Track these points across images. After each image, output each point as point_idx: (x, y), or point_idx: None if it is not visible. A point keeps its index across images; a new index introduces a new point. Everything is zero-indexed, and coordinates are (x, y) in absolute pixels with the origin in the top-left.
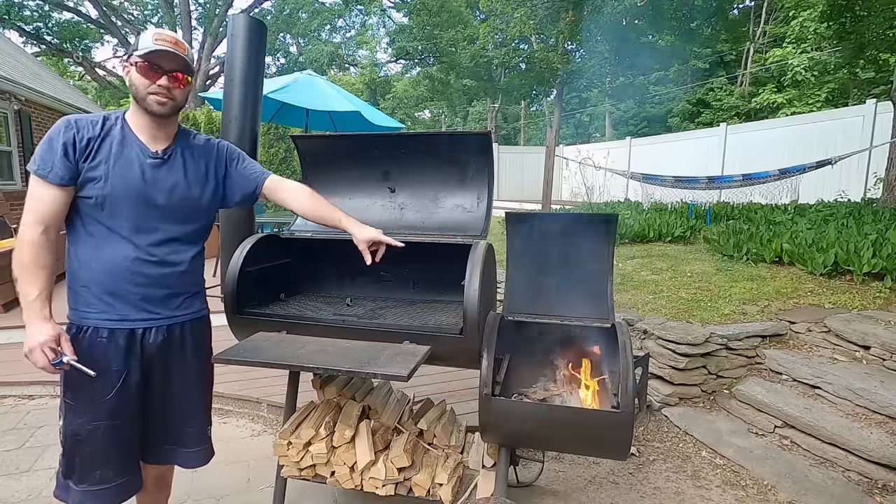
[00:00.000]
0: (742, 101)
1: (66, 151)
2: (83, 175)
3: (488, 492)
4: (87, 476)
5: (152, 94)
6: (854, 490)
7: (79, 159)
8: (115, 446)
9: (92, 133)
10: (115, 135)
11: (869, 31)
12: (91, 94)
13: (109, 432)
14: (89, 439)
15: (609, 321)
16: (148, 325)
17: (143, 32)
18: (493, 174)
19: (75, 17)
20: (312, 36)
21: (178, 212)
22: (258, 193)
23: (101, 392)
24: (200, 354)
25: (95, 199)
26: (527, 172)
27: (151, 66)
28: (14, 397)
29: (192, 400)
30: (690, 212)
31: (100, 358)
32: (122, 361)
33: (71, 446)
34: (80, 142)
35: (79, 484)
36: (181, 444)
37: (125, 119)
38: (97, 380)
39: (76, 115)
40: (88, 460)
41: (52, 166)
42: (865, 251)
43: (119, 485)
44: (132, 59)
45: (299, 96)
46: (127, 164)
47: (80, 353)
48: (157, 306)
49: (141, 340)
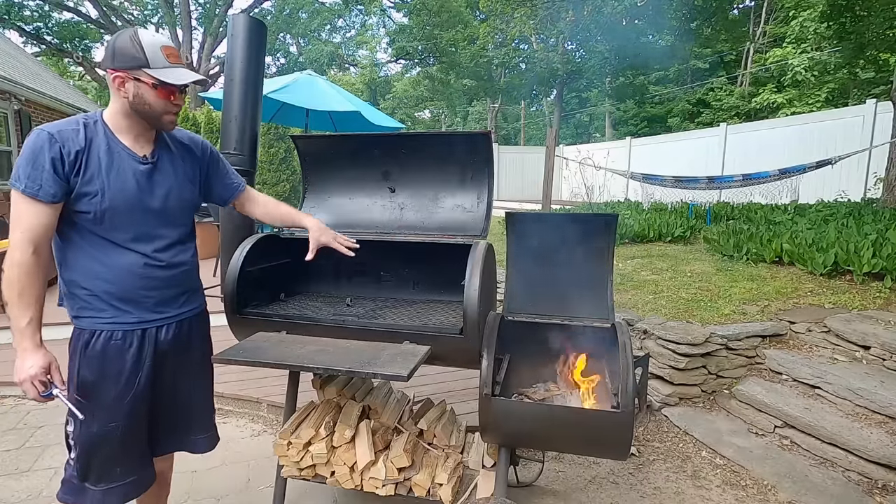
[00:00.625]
0: (742, 101)
1: (55, 168)
2: (76, 190)
3: (488, 492)
4: (106, 475)
5: (168, 113)
6: (854, 490)
7: (69, 174)
8: (133, 443)
9: (78, 145)
10: (99, 143)
11: (869, 31)
12: (91, 94)
13: (128, 431)
14: (109, 440)
15: (609, 321)
16: (160, 324)
17: (143, 40)
18: (493, 174)
19: (75, 17)
20: (312, 36)
21: (175, 214)
22: (229, 203)
23: (118, 393)
24: (204, 346)
25: (94, 213)
26: (527, 172)
27: (169, 88)
28: (14, 397)
29: (198, 389)
30: (690, 212)
31: (115, 360)
32: (136, 361)
33: (88, 448)
34: (67, 156)
35: (97, 484)
36: (191, 431)
37: (104, 122)
38: (113, 382)
39: (54, 126)
40: (108, 460)
41: (42, 184)
42: (865, 251)
43: (137, 479)
44: (144, 77)
45: (299, 96)
46: (121, 175)
47: (94, 356)
48: (169, 306)
49: (154, 339)
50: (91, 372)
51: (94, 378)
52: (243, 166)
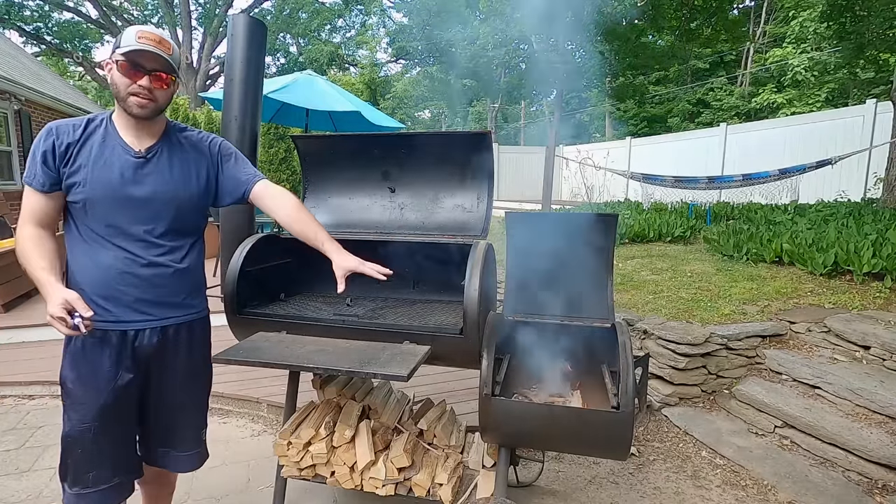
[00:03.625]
0: (742, 101)
1: (45, 159)
2: (65, 181)
3: (488, 492)
4: (79, 479)
5: (133, 94)
6: (854, 490)
7: (59, 165)
8: (108, 448)
9: (72, 138)
10: (97, 137)
11: (869, 31)
12: (91, 94)
13: (101, 434)
14: (80, 441)
15: (609, 321)
16: (141, 327)
17: (127, 30)
18: (493, 174)
19: (75, 17)
20: (312, 36)
21: (164, 211)
22: (246, 198)
23: (92, 393)
24: (197, 356)
25: (80, 203)
26: (527, 172)
27: (133, 66)
28: (14, 397)
29: (185, 402)
30: (690, 212)
31: (92, 359)
32: (113, 363)
33: (64, 448)
34: (59, 147)
35: (72, 486)
36: (173, 446)
37: (111, 119)
38: (88, 381)
39: (59, 121)
40: (80, 462)
41: (35, 174)
42: (865, 251)
43: (111, 488)
44: (114, 57)
45: (299, 96)
46: (106, 166)
47: (74, 353)
48: (151, 307)
49: (133, 342)
50: (70, 370)
51: (73, 376)
52: None
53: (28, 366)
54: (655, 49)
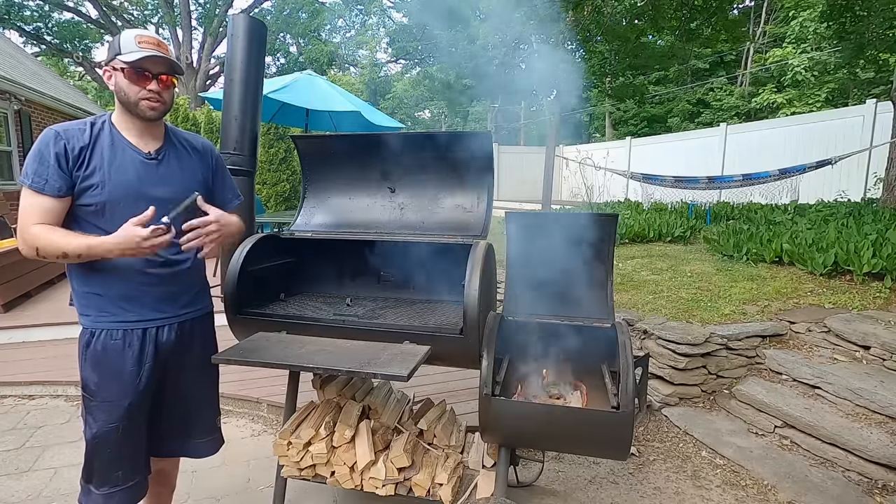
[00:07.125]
0: (742, 101)
1: (59, 163)
2: (79, 184)
3: (488, 492)
4: (107, 478)
5: (144, 99)
6: (854, 490)
7: (73, 169)
8: (132, 446)
9: (83, 141)
10: (104, 140)
11: (869, 31)
12: (91, 94)
13: (126, 433)
14: (109, 441)
15: (609, 321)
16: (161, 324)
17: (123, 35)
18: (493, 174)
19: (75, 17)
20: (312, 36)
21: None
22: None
23: (118, 393)
24: (209, 349)
25: (95, 206)
26: (527, 172)
27: (140, 72)
28: (14, 397)
29: (202, 392)
30: (690, 212)
31: (115, 360)
32: (136, 361)
33: (91, 450)
34: (71, 151)
35: (100, 487)
36: (192, 435)
37: (112, 122)
38: (113, 382)
39: (62, 125)
40: (109, 462)
41: (47, 179)
42: (865, 251)
43: (135, 485)
44: (117, 65)
45: (299, 96)
46: (122, 168)
47: (95, 355)
48: (169, 305)
49: (155, 339)
50: (92, 371)
51: (96, 378)
52: (243, 166)
53: (28, 366)
54: (655, 49)
